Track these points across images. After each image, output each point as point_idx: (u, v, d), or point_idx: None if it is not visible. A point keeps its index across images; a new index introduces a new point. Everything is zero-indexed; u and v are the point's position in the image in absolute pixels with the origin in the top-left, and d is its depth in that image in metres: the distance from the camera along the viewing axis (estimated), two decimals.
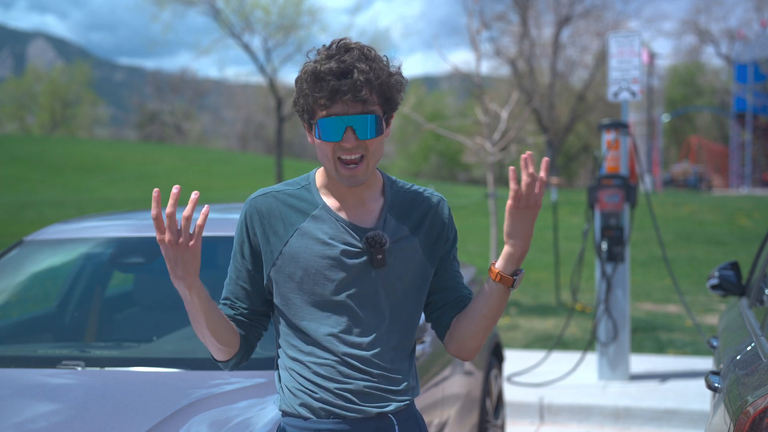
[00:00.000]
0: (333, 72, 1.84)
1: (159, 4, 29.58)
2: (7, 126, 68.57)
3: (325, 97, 1.85)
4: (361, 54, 1.87)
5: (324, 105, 1.86)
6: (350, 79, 1.83)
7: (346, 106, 1.86)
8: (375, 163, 1.93)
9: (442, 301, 2.07)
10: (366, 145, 1.89)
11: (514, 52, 38.75)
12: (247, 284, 2.01)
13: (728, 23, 50.26)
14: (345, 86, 1.83)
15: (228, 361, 2.01)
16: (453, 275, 2.07)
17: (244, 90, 64.66)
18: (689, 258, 14.24)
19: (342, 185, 1.96)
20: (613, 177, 6.35)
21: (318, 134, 1.89)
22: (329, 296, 1.94)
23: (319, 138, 1.89)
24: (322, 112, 1.87)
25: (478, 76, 10.54)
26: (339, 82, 1.83)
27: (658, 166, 35.67)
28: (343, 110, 1.86)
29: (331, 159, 1.89)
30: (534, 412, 5.87)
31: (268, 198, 1.99)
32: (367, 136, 1.88)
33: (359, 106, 1.86)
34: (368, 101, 1.87)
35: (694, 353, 7.28)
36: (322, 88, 1.84)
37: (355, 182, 1.91)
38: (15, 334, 3.58)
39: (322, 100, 1.85)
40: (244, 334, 2.02)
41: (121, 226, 3.87)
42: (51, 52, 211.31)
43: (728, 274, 4.11)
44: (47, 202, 24.71)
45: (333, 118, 1.85)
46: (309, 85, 1.87)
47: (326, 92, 1.84)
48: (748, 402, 2.33)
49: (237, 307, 2.03)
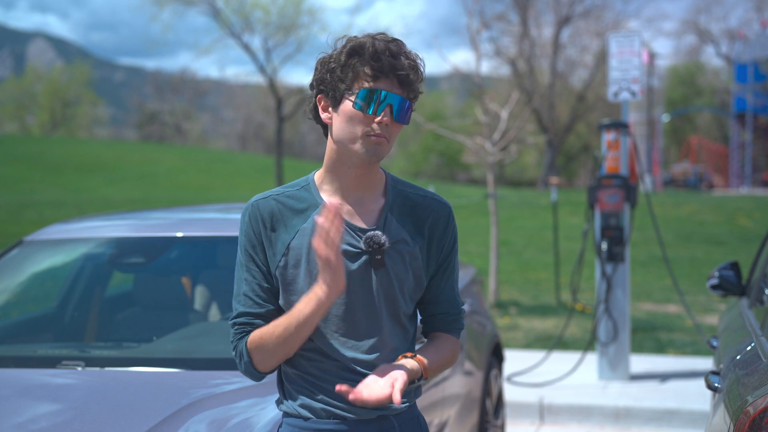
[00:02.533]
0: (390, 51, 1.88)
1: (159, 4, 29.62)
2: (7, 126, 68.58)
3: (378, 68, 1.86)
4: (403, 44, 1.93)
5: (372, 77, 1.87)
6: (402, 61, 1.89)
7: (390, 85, 1.89)
8: (390, 149, 1.94)
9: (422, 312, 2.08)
10: (392, 130, 1.91)
11: (514, 52, 38.78)
12: (269, 284, 1.96)
13: (728, 23, 50.31)
14: (399, 66, 1.87)
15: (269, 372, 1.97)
16: (442, 288, 2.05)
17: (244, 90, 64.67)
18: (689, 258, 14.25)
19: (346, 182, 1.95)
20: (613, 177, 6.35)
21: (356, 103, 1.88)
22: None
23: (356, 107, 1.88)
24: (367, 84, 1.88)
25: (478, 76, 10.54)
26: (395, 61, 1.87)
27: (658, 166, 35.70)
28: (388, 88, 1.88)
29: (359, 132, 1.89)
30: (534, 412, 5.87)
31: (269, 201, 1.98)
32: (402, 120, 1.90)
33: (401, 89, 1.90)
34: (412, 88, 1.92)
35: (694, 353, 7.28)
36: (379, 59, 1.87)
37: (375, 156, 1.89)
38: (15, 334, 3.58)
39: (373, 72, 1.87)
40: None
41: (121, 226, 3.87)
42: (51, 52, 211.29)
43: (728, 274, 4.11)
44: (47, 202, 24.71)
45: (380, 90, 1.87)
46: (359, 58, 1.87)
47: (383, 64, 1.86)
48: (748, 402, 2.33)
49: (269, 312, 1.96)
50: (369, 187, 1.98)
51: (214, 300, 3.52)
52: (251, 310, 1.95)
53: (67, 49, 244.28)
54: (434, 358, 1.98)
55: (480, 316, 4.68)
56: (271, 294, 1.96)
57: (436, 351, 2.00)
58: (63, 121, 67.88)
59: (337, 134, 1.91)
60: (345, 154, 1.92)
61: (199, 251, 3.70)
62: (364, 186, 1.97)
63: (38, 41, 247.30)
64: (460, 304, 2.11)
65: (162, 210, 4.23)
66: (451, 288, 2.07)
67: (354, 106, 1.88)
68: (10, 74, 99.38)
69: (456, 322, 2.09)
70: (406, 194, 2.02)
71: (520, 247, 16.23)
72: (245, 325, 1.94)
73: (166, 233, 3.57)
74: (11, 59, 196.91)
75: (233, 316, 1.96)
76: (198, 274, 3.63)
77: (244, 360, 1.93)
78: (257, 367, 1.93)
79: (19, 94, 67.12)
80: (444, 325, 2.08)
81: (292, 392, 1.98)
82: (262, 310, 1.94)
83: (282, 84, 32.48)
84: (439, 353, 2.01)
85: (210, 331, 3.34)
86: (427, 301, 2.06)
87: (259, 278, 1.95)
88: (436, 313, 2.07)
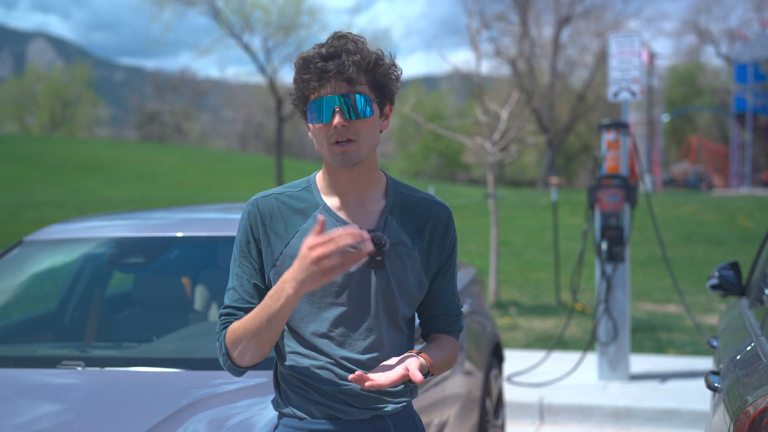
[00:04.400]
0: (321, 55, 1.87)
1: (159, 4, 29.63)
2: (7, 126, 68.58)
3: (312, 79, 1.87)
4: (350, 40, 1.90)
5: (313, 88, 1.88)
6: (337, 60, 1.86)
7: (334, 88, 1.87)
8: (368, 147, 1.91)
9: (421, 315, 2.08)
10: (356, 128, 1.88)
11: (514, 52, 38.78)
12: (260, 282, 1.98)
13: (728, 23, 50.34)
14: (331, 66, 1.86)
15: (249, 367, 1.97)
16: (442, 290, 2.06)
17: (244, 90, 64.69)
18: (689, 258, 14.25)
19: (343, 186, 1.96)
20: (613, 177, 6.35)
21: (310, 117, 1.90)
22: (327, 298, 1.94)
23: (312, 121, 1.90)
24: (312, 95, 1.89)
25: (478, 76, 10.54)
26: (326, 64, 1.86)
27: (658, 166, 35.70)
28: (332, 92, 1.87)
29: (325, 143, 1.90)
30: (534, 412, 5.87)
31: (270, 199, 1.99)
32: (356, 116, 1.87)
33: (346, 86, 1.87)
34: (355, 81, 1.88)
35: (694, 353, 7.28)
36: (309, 70, 1.87)
37: (347, 161, 1.89)
38: (15, 334, 3.58)
39: (311, 83, 1.87)
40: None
41: (121, 226, 3.87)
42: (51, 52, 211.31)
43: (728, 274, 4.11)
44: (47, 202, 24.71)
45: (320, 98, 1.87)
46: (299, 72, 1.90)
47: (313, 73, 1.86)
48: (748, 402, 2.33)
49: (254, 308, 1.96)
50: (368, 189, 1.98)
51: (214, 300, 3.52)
52: (237, 304, 1.96)
53: (67, 49, 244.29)
54: (438, 357, 1.98)
55: (480, 316, 4.68)
56: (258, 291, 1.97)
57: (439, 350, 2.01)
58: (63, 121, 67.88)
59: (316, 149, 1.95)
60: (330, 164, 1.95)
61: (199, 251, 3.69)
62: (362, 188, 1.97)
63: (38, 41, 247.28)
64: (460, 306, 2.11)
65: (162, 210, 4.23)
66: (451, 290, 2.08)
67: (309, 121, 1.91)
68: (10, 74, 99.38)
69: (456, 323, 2.10)
70: (406, 197, 2.03)
71: (520, 247, 16.23)
72: (229, 315, 1.95)
73: (166, 233, 3.57)
74: (11, 59, 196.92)
75: (220, 309, 1.98)
76: (198, 274, 3.63)
77: (223, 352, 1.94)
78: (235, 360, 1.92)
79: (19, 94, 67.13)
80: (444, 326, 2.08)
81: (288, 392, 1.98)
82: (247, 306, 1.95)
83: (282, 84, 32.46)
84: (442, 353, 2.01)
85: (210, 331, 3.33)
86: (427, 302, 2.06)
87: (249, 274, 1.96)
88: (436, 315, 2.08)
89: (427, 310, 2.08)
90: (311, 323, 1.95)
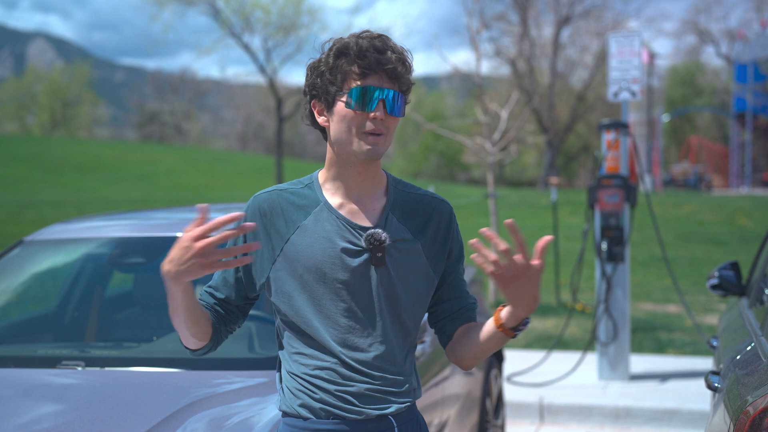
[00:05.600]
0: (375, 47, 1.90)
1: (159, 4, 29.63)
2: (7, 126, 68.58)
3: (364, 65, 1.88)
4: (391, 40, 1.95)
5: (360, 75, 1.89)
6: (389, 55, 1.90)
7: (380, 81, 1.90)
8: (389, 144, 1.95)
9: (446, 312, 2.07)
10: (389, 124, 1.92)
11: (514, 52, 38.76)
12: (231, 278, 2.03)
13: (728, 23, 50.29)
14: (386, 59, 1.89)
15: (196, 351, 2.05)
16: (458, 285, 2.08)
17: (244, 90, 64.67)
18: (689, 258, 14.24)
19: (347, 181, 1.97)
20: (613, 177, 6.35)
21: (349, 103, 1.90)
22: (330, 295, 1.94)
23: (349, 107, 1.90)
24: (356, 82, 1.90)
25: (478, 76, 10.54)
26: (381, 56, 1.89)
27: (658, 166, 35.66)
28: (378, 84, 1.90)
29: (355, 131, 1.91)
30: (534, 412, 5.87)
31: (272, 195, 2.00)
32: (396, 113, 1.92)
33: (391, 82, 1.91)
34: (402, 81, 1.93)
35: (694, 353, 7.28)
36: (364, 57, 1.89)
37: (375, 154, 1.91)
38: (15, 334, 3.58)
39: (361, 70, 1.89)
40: (217, 325, 2.04)
41: (121, 226, 3.87)
42: (51, 52, 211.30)
43: (728, 274, 4.11)
44: (47, 202, 24.71)
45: (370, 87, 1.89)
46: (346, 57, 1.90)
47: (369, 60, 1.88)
48: (748, 402, 2.33)
49: (216, 297, 2.05)
50: (370, 187, 1.99)
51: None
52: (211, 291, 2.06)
53: (67, 49, 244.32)
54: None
55: (480, 316, 4.68)
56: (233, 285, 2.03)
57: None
58: (63, 121, 67.87)
59: (335, 136, 1.93)
60: (345, 155, 1.94)
61: None
62: (365, 185, 1.98)
63: (38, 41, 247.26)
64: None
65: (162, 210, 4.23)
66: (464, 283, 2.11)
67: (347, 106, 1.90)
68: (10, 74, 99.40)
69: (475, 309, 2.12)
70: (407, 194, 2.04)
71: None
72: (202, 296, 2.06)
73: (166, 233, 3.57)
74: (11, 59, 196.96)
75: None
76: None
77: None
78: (182, 341, 2.03)
79: (19, 94, 67.13)
80: (472, 313, 2.09)
81: (292, 391, 1.98)
82: (219, 295, 2.04)
83: (282, 84, 32.50)
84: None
85: None
86: (451, 297, 2.07)
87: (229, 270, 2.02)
88: (463, 306, 2.08)
89: (452, 305, 2.07)
90: (314, 322, 1.95)
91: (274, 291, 1.99)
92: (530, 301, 1.86)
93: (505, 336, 1.92)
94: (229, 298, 2.04)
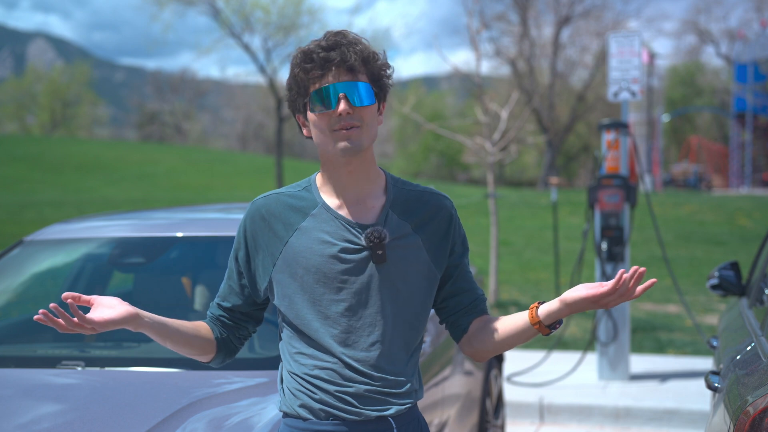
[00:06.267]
0: (321, 47, 1.91)
1: (159, 4, 29.61)
2: (7, 126, 68.56)
3: (315, 68, 1.90)
4: (347, 34, 1.95)
5: (315, 78, 1.91)
6: (339, 50, 1.90)
7: (337, 76, 1.90)
8: (370, 136, 1.93)
9: (459, 305, 2.07)
10: (360, 115, 1.91)
11: (514, 52, 38.75)
12: (236, 285, 2.06)
13: (728, 23, 50.24)
14: (333, 55, 1.89)
15: (209, 362, 2.10)
16: (466, 278, 2.08)
17: (244, 90, 64.64)
18: (689, 258, 14.24)
19: (342, 182, 1.96)
20: (613, 177, 6.35)
21: (313, 108, 1.91)
22: (331, 295, 1.94)
23: (313, 111, 1.92)
24: (314, 86, 1.91)
25: (478, 76, 10.54)
26: (328, 53, 1.90)
27: (658, 166, 35.66)
28: (334, 80, 1.90)
29: (328, 132, 1.91)
30: (534, 412, 5.87)
31: (270, 199, 2.01)
32: (361, 103, 1.90)
33: (349, 74, 1.91)
34: (357, 70, 1.92)
35: (694, 353, 7.28)
36: (312, 60, 1.90)
37: (354, 148, 1.90)
38: (15, 334, 3.58)
39: (313, 72, 1.90)
40: (225, 336, 2.08)
41: (121, 226, 3.87)
42: (51, 52, 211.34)
43: (728, 274, 4.11)
44: (47, 202, 24.70)
45: (325, 86, 1.90)
46: (299, 64, 1.92)
47: (316, 63, 1.90)
48: (748, 402, 2.33)
49: (224, 307, 2.08)
50: (367, 186, 1.99)
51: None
52: (218, 301, 2.09)
53: (67, 49, 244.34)
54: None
55: None
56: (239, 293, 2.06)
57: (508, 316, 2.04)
58: (63, 121, 67.85)
59: (316, 141, 1.96)
60: (330, 156, 1.95)
61: (199, 251, 3.70)
62: (360, 184, 1.98)
63: (38, 41, 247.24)
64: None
65: (162, 210, 4.23)
66: (471, 275, 2.11)
67: (312, 111, 1.93)
68: (10, 74, 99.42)
69: (485, 301, 2.13)
70: (406, 191, 2.04)
71: (520, 247, 16.23)
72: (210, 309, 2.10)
73: (166, 233, 3.57)
74: (11, 59, 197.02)
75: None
76: (198, 274, 3.64)
77: None
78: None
79: (19, 94, 67.09)
80: (484, 305, 2.10)
81: (292, 392, 1.98)
82: (226, 304, 2.07)
83: (282, 84, 32.44)
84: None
85: None
86: (461, 291, 2.07)
87: (234, 277, 2.06)
88: (475, 299, 2.08)
89: (463, 298, 2.07)
90: (315, 322, 1.95)
91: (276, 294, 1.99)
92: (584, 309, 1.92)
93: (538, 333, 1.96)
94: (236, 306, 2.07)
